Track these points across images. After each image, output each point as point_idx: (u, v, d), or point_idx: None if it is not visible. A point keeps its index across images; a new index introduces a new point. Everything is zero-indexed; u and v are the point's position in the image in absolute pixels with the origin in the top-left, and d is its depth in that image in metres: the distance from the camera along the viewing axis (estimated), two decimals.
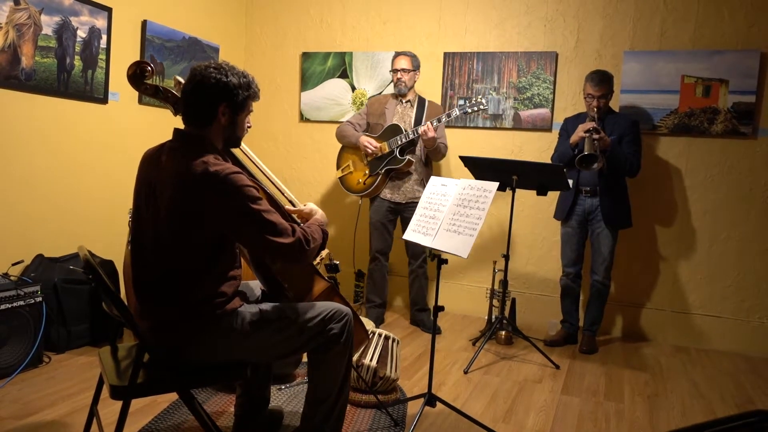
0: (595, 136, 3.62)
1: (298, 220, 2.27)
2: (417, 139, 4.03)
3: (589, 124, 3.67)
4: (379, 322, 4.25)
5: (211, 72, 1.94)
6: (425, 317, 4.26)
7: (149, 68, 2.21)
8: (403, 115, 4.14)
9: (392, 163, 4.05)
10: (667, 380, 3.51)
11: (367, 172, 4.14)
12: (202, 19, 4.69)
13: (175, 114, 2.26)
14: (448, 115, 3.96)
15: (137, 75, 2.21)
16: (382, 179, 4.10)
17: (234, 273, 2.02)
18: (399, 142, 4.01)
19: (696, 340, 4.19)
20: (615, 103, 4.13)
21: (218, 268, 1.96)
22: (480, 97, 4.06)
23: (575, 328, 4.09)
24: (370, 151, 4.06)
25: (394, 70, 4.11)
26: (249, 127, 2.17)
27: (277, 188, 2.60)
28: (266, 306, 2.08)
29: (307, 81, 5.08)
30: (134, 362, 1.82)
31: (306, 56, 5.06)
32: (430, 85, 4.70)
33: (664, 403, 3.17)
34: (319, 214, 2.26)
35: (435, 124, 3.95)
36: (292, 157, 5.18)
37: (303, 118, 5.13)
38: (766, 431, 0.91)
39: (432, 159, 4.24)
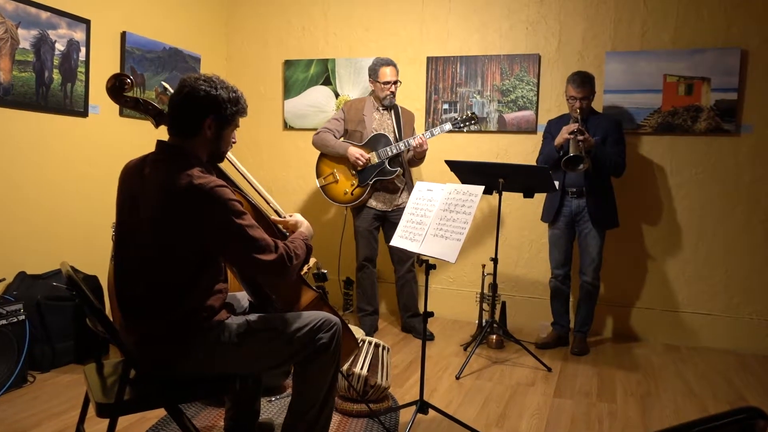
0: (580, 138, 3.64)
1: (285, 231, 2.27)
2: (404, 150, 4.03)
3: (573, 126, 3.69)
4: (372, 330, 4.21)
5: (200, 84, 1.94)
6: (417, 323, 4.25)
7: (128, 80, 2.20)
8: (382, 123, 4.12)
9: (382, 174, 4.04)
10: (659, 379, 3.53)
11: (355, 182, 4.09)
12: (183, 29, 4.68)
13: (156, 126, 2.25)
14: (442, 129, 3.95)
15: (116, 88, 2.19)
16: (370, 190, 4.09)
17: (220, 286, 2.01)
18: (389, 153, 4.00)
19: (686, 338, 4.22)
20: (598, 104, 4.17)
21: (204, 282, 1.95)
22: (470, 111, 4.06)
23: (566, 330, 4.11)
24: (361, 163, 4.01)
25: (386, 82, 4.04)
26: (234, 142, 2.16)
27: (263, 198, 2.60)
28: (254, 317, 2.07)
29: (290, 89, 5.08)
30: (120, 379, 1.80)
31: (288, 64, 5.07)
32: (414, 90, 4.72)
33: (656, 402, 3.19)
34: (305, 226, 2.24)
35: (428, 136, 3.95)
36: (277, 166, 5.17)
37: (287, 127, 5.12)
38: (755, 428, 0.91)
39: (412, 166, 4.25)
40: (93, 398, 1.86)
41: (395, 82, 4.06)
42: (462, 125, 3.98)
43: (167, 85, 2.22)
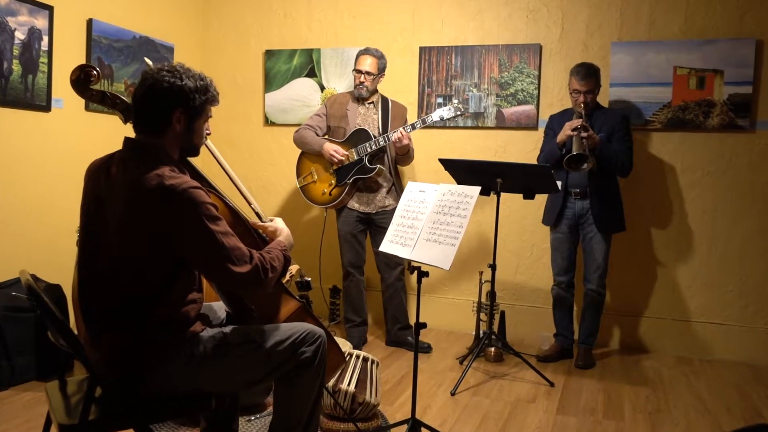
0: (584, 134, 3.65)
1: (264, 235, 2.25)
2: (387, 146, 4.03)
3: (577, 122, 3.70)
4: (361, 342, 4.20)
5: (164, 75, 1.92)
6: (410, 335, 4.24)
7: (94, 72, 2.19)
8: (366, 118, 4.13)
9: (361, 172, 4.03)
10: (669, 394, 3.54)
11: (333, 182, 4.09)
12: (155, 16, 4.66)
13: (125, 122, 2.24)
14: (423, 121, 3.95)
15: (81, 80, 2.18)
16: (349, 189, 4.08)
17: (194, 296, 2.00)
18: (368, 150, 3.99)
19: (699, 349, 4.24)
20: (604, 98, 4.18)
21: (176, 291, 1.93)
22: (457, 102, 4.06)
23: (570, 342, 4.12)
24: (336, 160, 4.01)
25: (358, 71, 4.08)
26: (208, 134, 2.15)
27: (244, 197, 2.58)
28: (230, 329, 2.06)
29: (271, 81, 5.06)
30: (85, 397, 1.79)
31: (270, 54, 5.05)
32: (405, 83, 4.71)
33: (667, 419, 3.20)
34: (284, 235, 2.22)
35: (409, 130, 3.94)
36: (257, 164, 5.16)
37: (268, 122, 5.11)
38: None
39: (400, 164, 4.25)
40: (55, 419, 1.84)
41: (368, 73, 4.05)
42: (446, 115, 3.96)
43: (150, 62, 2.19)
